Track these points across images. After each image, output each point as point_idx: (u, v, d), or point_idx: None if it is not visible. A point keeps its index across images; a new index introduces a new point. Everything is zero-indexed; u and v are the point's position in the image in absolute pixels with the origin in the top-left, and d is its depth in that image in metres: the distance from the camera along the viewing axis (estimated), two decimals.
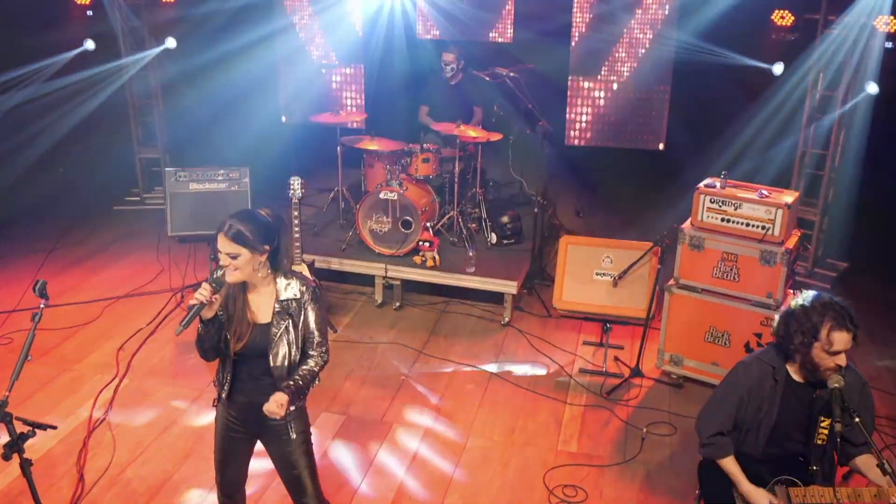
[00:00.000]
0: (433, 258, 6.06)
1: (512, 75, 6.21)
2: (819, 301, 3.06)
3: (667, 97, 8.67)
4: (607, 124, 9.01)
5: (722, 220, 4.81)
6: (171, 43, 7.77)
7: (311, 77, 8.97)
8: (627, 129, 8.95)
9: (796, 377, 3.19)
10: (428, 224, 6.13)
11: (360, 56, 9.38)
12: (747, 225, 4.73)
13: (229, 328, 2.99)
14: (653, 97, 8.71)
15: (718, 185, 4.85)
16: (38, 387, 4.98)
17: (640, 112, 8.85)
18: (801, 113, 6.75)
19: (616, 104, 8.89)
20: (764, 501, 3.12)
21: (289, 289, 3.00)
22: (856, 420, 2.88)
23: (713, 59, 7.50)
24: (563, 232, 6.99)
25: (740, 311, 4.82)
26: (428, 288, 6.27)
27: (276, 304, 2.99)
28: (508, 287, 5.89)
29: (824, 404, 3.07)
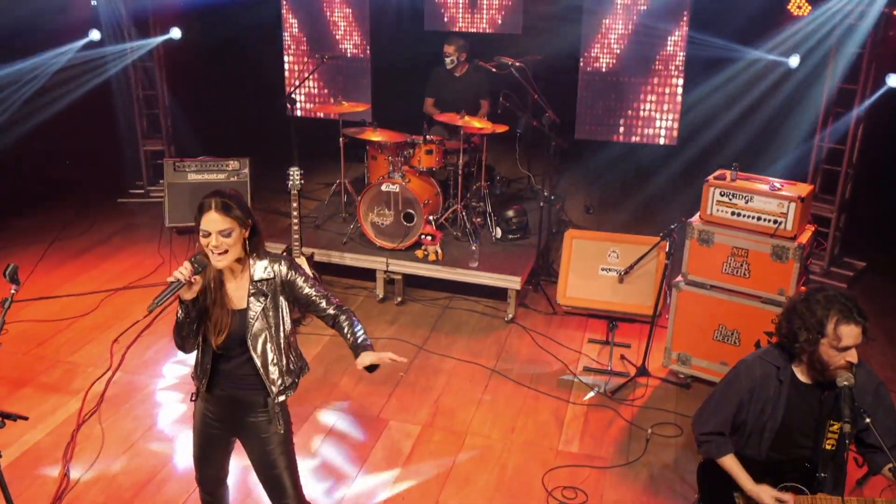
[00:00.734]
0: (436, 252, 5.91)
1: (518, 65, 6.05)
2: (823, 294, 2.85)
3: (680, 90, 8.49)
4: (619, 118, 8.84)
5: (732, 213, 4.62)
6: (175, 33, 7.68)
7: (318, 68, 8.85)
8: (639, 123, 8.78)
9: (803, 378, 2.98)
10: (431, 217, 5.99)
11: (367, 47, 9.29)
12: (758, 219, 4.54)
13: (209, 320, 2.86)
14: (665, 89, 8.53)
15: (729, 177, 4.67)
16: (30, 378, 4.91)
17: (652, 105, 8.67)
18: (817, 106, 6.53)
19: (628, 97, 8.72)
20: (769, 500, 2.94)
21: (262, 269, 2.85)
22: (866, 420, 2.66)
23: (727, 50, 7.33)
24: (572, 228, 6.82)
25: (751, 308, 4.63)
26: (431, 283, 6.13)
27: (251, 286, 2.84)
28: (512, 282, 5.73)
29: (834, 406, 2.87)
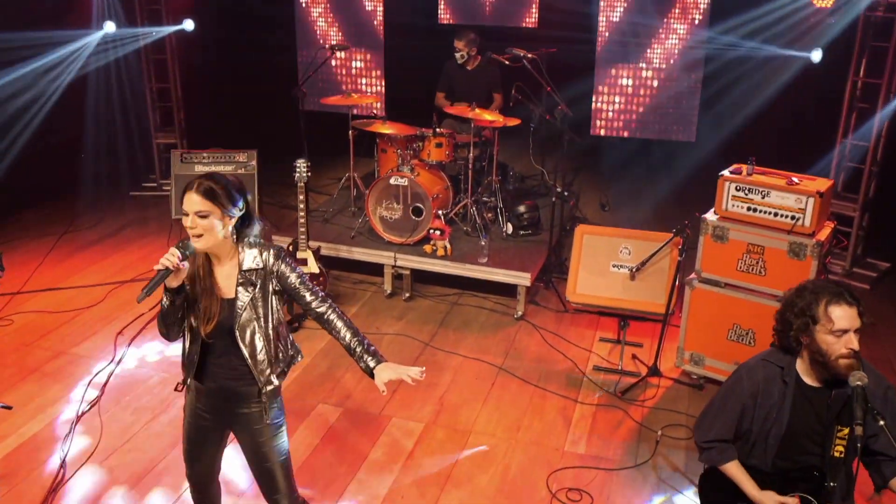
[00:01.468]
0: (444, 247, 5.81)
1: (530, 56, 5.92)
2: (812, 283, 2.81)
3: (699, 86, 8.32)
4: (636, 113, 8.69)
5: (748, 209, 4.46)
6: (188, 25, 7.65)
7: (326, 60, 8.80)
8: (657, 119, 8.62)
9: (808, 380, 2.82)
10: (440, 212, 5.88)
11: (380, 40, 9.21)
12: (775, 215, 4.38)
13: (197, 308, 2.77)
14: (684, 86, 8.36)
15: (745, 171, 4.51)
16: (33, 368, 4.87)
17: (670, 101, 8.51)
18: (840, 102, 6.34)
19: (645, 92, 8.57)
20: None
21: (251, 258, 2.76)
22: (880, 423, 2.49)
23: (747, 46, 7.17)
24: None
25: (766, 307, 4.45)
26: (441, 279, 6.02)
27: (239, 276, 2.75)
28: (521, 279, 5.60)
29: (841, 410, 2.71)
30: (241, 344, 2.76)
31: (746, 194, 4.45)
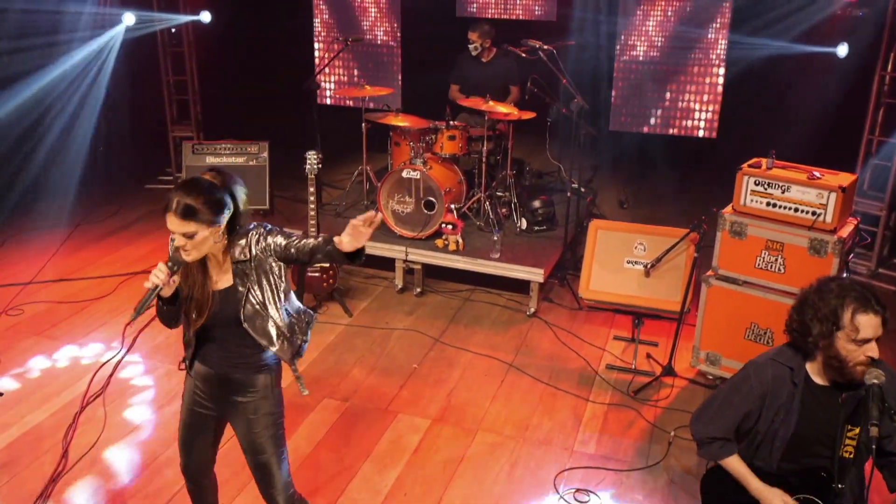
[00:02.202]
0: (456, 242, 5.71)
1: (546, 48, 5.80)
2: (836, 283, 2.60)
3: (721, 80, 8.16)
4: (656, 108, 8.54)
5: (767, 204, 4.31)
6: (205, 17, 7.63)
7: (341, 52, 8.76)
8: (678, 115, 8.47)
9: (818, 379, 2.69)
10: (453, 206, 5.79)
11: (398, 33, 9.14)
12: (796, 210, 4.24)
13: (189, 305, 2.71)
14: (706, 79, 8.20)
15: (764, 165, 4.36)
16: (41, 357, 4.86)
17: (692, 96, 8.35)
18: (866, 97, 6.16)
19: (665, 87, 8.42)
20: (777, 500, 2.66)
21: (238, 250, 2.68)
22: None
23: (772, 39, 7.00)
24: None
25: (785, 306, 4.19)
26: (453, 275, 5.92)
27: (233, 267, 2.69)
28: (534, 275, 5.49)
29: (853, 410, 2.58)
30: (255, 335, 2.70)
31: (766, 189, 4.30)
